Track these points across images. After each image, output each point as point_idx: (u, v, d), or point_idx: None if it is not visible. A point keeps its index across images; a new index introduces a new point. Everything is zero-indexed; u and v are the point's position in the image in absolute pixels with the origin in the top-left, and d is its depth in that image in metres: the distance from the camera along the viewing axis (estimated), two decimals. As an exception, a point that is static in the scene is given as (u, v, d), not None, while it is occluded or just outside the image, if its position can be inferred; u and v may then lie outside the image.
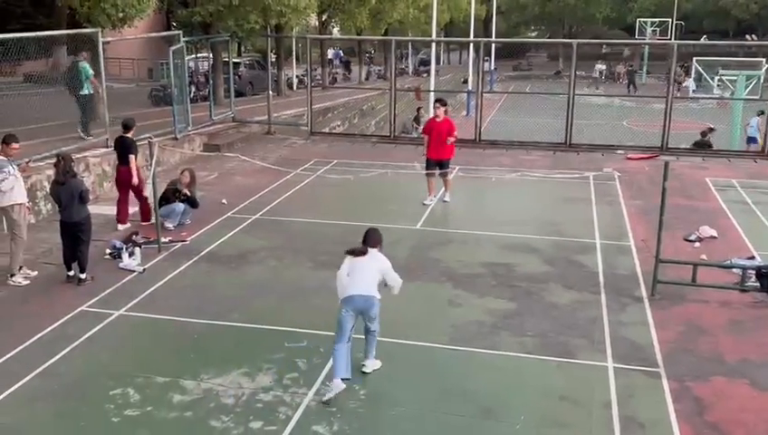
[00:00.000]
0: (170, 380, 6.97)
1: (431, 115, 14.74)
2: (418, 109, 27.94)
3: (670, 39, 51.16)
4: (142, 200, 12.01)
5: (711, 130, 21.54)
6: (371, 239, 7.10)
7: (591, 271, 10.07)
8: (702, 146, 20.08)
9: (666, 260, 9.32)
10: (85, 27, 15.78)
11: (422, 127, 14.45)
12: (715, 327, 8.32)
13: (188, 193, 12.05)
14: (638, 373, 7.20)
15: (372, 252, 7.02)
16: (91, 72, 15.53)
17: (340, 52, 51.03)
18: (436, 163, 13.38)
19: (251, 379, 7.01)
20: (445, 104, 13.63)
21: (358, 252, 6.97)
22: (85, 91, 15.59)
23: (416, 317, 8.47)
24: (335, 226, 11.96)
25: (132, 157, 11.73)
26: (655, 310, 8.72)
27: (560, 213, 13.03)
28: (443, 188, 13.67)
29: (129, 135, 11.92)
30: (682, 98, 31.65)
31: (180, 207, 11.84)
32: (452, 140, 13.12)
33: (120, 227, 11.74)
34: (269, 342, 7.80)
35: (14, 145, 9.45)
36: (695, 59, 38.78)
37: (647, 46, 57.51)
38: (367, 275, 6.90)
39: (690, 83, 42.46)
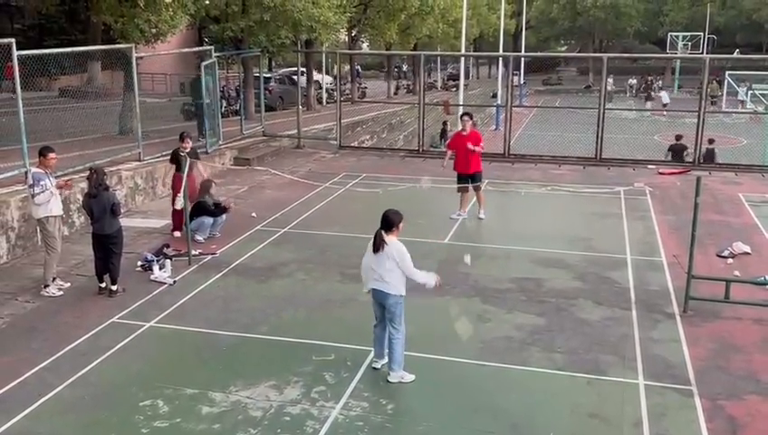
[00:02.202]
0: (199, 391, 7.01)
1: (458, 129, 14.66)
2: (444, 123, 27.97)
3: (702, 53, 50.67)
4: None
5: (711, 141, 21.21)
6: (387, 223, 7.10)
7: (622, 287, 9.96)
8: (676, 151, 20.00)
9: (698, 276, 9.19)
10: (119, 43, 16.07)
11: (447, 141, 14.40)
12: (749, 345, 8.18)
13: (220, 202, 12.29)
14: (670, 391, 7.10)
15: (389, 242, 7.03)
16: (211, 84, 18.29)
17: (358, 67, 51.33)
18: (467, 177, 13.24)
19: (279, 391, 7.03)
20: (471, 117, 13.52)
21: (376, 247, 7.07)
22: (206, 101, 17.99)
23: (444, 332, 8.44)
24: (364, 239, 11.81)
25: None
26: (687, 327, 8.60)
27: (590, 228, 12.92)
28: (477, 205, 13.48)
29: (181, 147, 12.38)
30: (714, 112, 31.27)
31: (209, 220, 11.96)
32: (476, 148, 12.95)
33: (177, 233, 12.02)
34: (297, 354, 7.82)
35: (51, 156, 9.62)
36: (727, 73, 38.34)
37: (678, 60, 57.01)
38: (382, 266, 7.05)
39: (664, 96, 41.94)
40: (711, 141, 21.02)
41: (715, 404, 6.85)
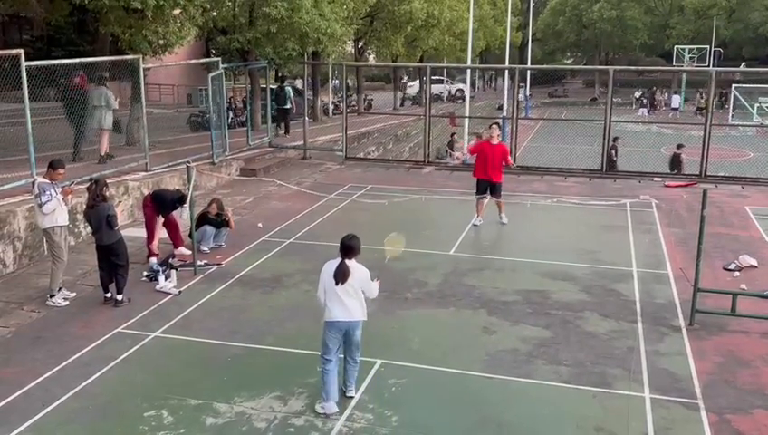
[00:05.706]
0: (203, 402, 7.00)
1: (465, 140, 14.86)
2: (452, 134, 28.04)
3: (708, 66, 50.67)
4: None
5: (680, 146, 21.12)
6: (349, 250, 6.98)
7: (628, 300, 9.93)
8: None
9: (705, 289, 9.16)
10: (127, 54, 16.16)
11: (471, 145, 14.91)
12: (756, 358, 8.13)
13: (227, 217, 12.25)
14: (676, 405, 7.06)
15: (352, 268, 6.87)
16: (292, 93, 24.50)
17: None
18: (489, 185, 13.63)
19: (283, 403, 7.02)
20: (500, 128, 13.97)
21: (344, 277, 6.82)
22: (288, 106, 23.96)
23: (449, 344, 8.41)
24: (369, 250, 11.85)
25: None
26: (693, 340, 8.55)
27: (596, 240, 12.90)
28: (498, 210, 13.85)
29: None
30: (720, 125, 31.23)
31: (211, 229, 11.97)
32: (513, 164, 13.53)
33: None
34: (302, 365, 7.80)
35: (60, 170, 9.68)
36: (734, 86, 38.31)
37: (684, 73, 57.00)
38: (352, 294, 6.86)
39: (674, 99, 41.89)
40: (679, 147, 20.87)
41: (722, 418, 6.80)
